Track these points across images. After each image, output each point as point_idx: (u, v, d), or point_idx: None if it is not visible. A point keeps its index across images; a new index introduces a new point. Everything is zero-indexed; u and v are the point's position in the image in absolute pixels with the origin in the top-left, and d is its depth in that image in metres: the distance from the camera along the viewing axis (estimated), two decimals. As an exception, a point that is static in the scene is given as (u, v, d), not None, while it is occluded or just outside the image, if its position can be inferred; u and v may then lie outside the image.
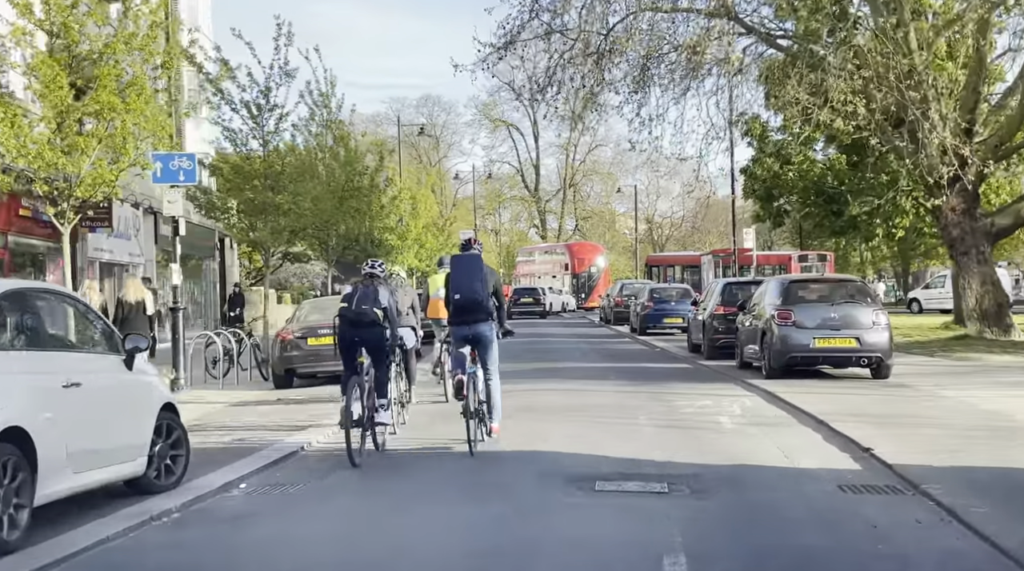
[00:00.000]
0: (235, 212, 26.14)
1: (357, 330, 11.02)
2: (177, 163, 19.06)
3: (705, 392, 17.03)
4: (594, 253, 75.12)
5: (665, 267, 56.66)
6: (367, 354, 11.08)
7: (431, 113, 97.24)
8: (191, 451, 10.06)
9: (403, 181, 53.75)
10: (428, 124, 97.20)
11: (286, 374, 19.57)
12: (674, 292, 35.36)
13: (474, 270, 11.29)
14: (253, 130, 25.59)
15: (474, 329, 11.36)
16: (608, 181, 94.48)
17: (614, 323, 43.19)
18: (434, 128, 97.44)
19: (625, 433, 12.73)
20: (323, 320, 20.02)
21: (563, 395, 16.89)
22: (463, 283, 11.22)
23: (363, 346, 11.05)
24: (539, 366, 22.27)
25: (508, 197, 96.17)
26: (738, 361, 20.83)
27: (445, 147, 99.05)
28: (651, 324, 34.34)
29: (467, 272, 11.30)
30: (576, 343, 31.89)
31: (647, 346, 29.94)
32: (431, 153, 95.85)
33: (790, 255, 51.49)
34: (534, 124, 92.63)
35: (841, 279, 20.72)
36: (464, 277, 11.26)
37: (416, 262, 52.64)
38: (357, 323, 11.00)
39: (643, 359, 24.76)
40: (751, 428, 13.10)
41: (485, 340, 11.43)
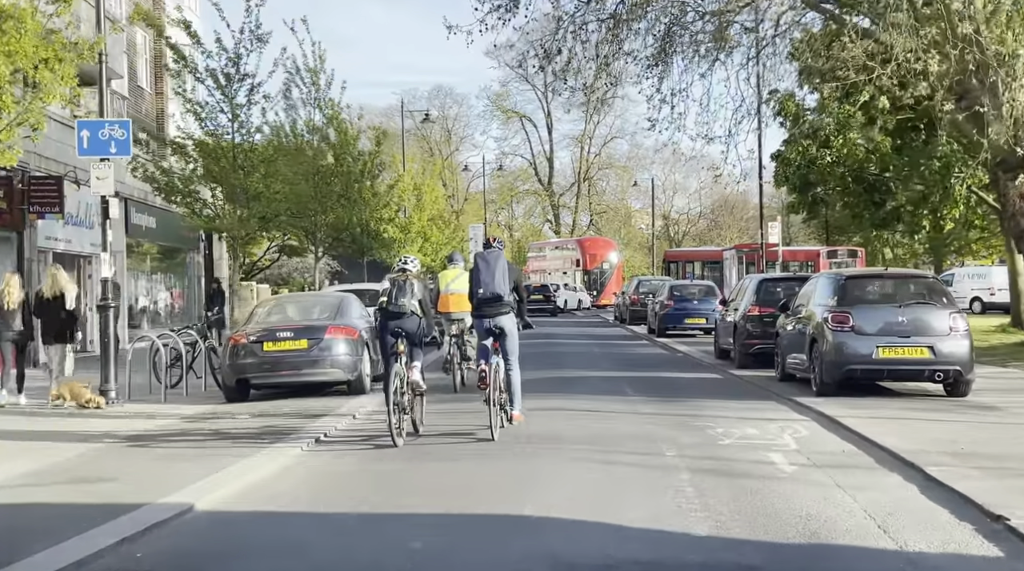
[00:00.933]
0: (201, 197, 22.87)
1: (396, 321, 11.74)
2: (108, 132, 15.80)
3: (745, 414, 13.62)
4: (606, 249, 71.74)
5: (684, 263, 53.16)
6: (405, 343, 11.73)
7: (443, 105, 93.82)
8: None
9: (407, 170, 50.47)
10: (440, 116, 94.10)
11: (238, 385, 16.25)
12: (696, 290, 31.92)
13: (497, 266, 11.93)
14: (221, 102, 22.31)
15: (496, 321, 11.96)
16: (624, 175, 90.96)
17: (630, 322, 39.76)
18: (446, 121, 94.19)
19: (649, 481, 9.33)
20: (285, 320, 16.75)
21: (570, 418, 13.50)
22: (486, 278, 11.86)
23: (401, 336, 11.74)
24: (544, 376, 18.91)
25: (521, 191, 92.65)
26: (778, 372, 17.42)
27: (457, 140, 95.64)
28: (671, 325, 30.93)
29: (490, 268, 11.91)
30: (588, 346, 28.49)
31: (667, 350, 26.51)
32: (443, 146, 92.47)
33: (818, 251, 47.94)
34: (548, 115, 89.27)
35: (909, 275, 17.20)
36: (487, 272, 11.88)
37: (420, 257, 49.33)
38: (397, 315, 11.73)
39: (664, 367, 21.34)
40: (816, 473, 9.69)
41: (507, 332, 12.04)
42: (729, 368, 20.07)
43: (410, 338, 11.80)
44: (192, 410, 15.11)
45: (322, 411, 14.39)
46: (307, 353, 15.99)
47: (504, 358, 12.00)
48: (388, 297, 11.87)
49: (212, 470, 9.84)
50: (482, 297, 11.94)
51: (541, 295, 53.96)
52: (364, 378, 16.51)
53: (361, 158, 33.34)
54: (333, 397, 16.30)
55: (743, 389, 16.95)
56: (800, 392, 15.39)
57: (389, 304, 11.80)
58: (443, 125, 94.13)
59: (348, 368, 16.19)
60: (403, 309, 11.73)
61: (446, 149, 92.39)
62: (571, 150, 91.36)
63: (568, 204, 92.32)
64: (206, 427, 13.32)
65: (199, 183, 22.61)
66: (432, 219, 51.66)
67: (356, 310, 17.46)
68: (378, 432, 12.09)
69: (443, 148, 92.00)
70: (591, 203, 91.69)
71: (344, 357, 16.15)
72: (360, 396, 16.24)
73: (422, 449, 11.32)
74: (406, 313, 11.74)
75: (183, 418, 14.21)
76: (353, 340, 16.31)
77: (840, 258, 47.77)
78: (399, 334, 11.73)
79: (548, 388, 16.65)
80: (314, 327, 16.32)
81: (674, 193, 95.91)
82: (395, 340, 11.73)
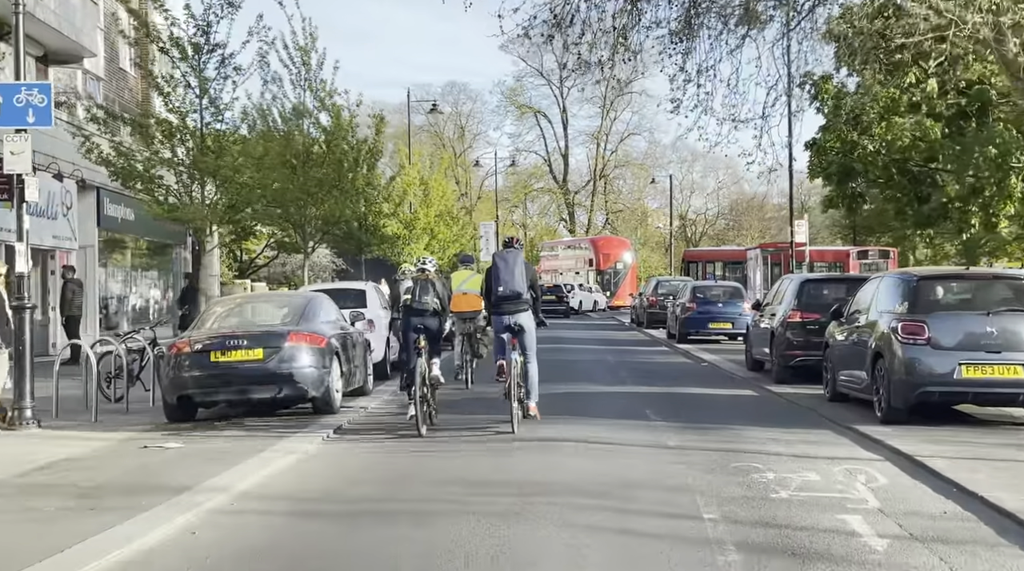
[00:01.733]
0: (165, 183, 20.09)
1: (420, 319, 12.29)
2: (24, 97, 13.01)
3: (798, 449, 10.71)
4: (620, 248, 68.86)
5: (705, 263, 50.14)
6: (425, 339, 12.17)
7: (456, 101, 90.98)
8: None
9: (413, 164, 47.68)
10: (453, 113, 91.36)
11: (180, 403, 13.46)
12: (722, 291, 29.00)
13: (515, 265, 12.20)
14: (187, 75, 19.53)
15: (515, 318, 12.19)
16: (641, 174, 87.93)
17: (647, 326, 36.85)
18: (459, 117, 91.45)
19: (683, 567, 6.48)
20: (241, 325, 13.97)
21: (575, 453, 10.61)
22: (505, 277, 12.09)
23: (423, 333, 12.23)
24: (550, 391, 16.04)
25: (535, 189, 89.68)
26: (827, 390, 14.53)
27: (471, 137, 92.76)
28: (693, 329, 28.03)
29: (509, 267, 12.16)
30: (602, 353, 25.57)
31: (691, 360, 23.59)
32: (456, 143, 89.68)
33: (847, 251, 44.95)
34: (563, 111, 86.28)
35: (996, 276, 14.18)
36: (507, 271, 12.12)
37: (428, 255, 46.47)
38: (420, 313, 12.29)
39: (689, 380, 18.44)
40: (920, 551, 6.81)
41: (525, 328, 12.29)
42: (765, 383, 17.16)
43: (431, 335, 12.37)
44: (116, 436, 12.27)
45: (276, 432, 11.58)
46: (263, 365, 13.17)
47: (523, 353, 12.24)
48: (412, 295, 12.39)
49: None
50: (502, 294, 12.16)
51: (554, 296, 51.06)
52: (333, 395, 13.70)
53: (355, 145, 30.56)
54: (294, 418, 13.50)
55: (787, 412, 14.03)
56: (860, 418, 12.49)
57: (413, 302, 12.37)
58: (456, 122, 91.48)
59: (313, 383, 13.38)
60: (426, 307, 12.31)
61: (459, 146, 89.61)
62: (587, 147, 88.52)
63: (583, 202, 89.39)
64: (98, 473, 10.46)
65: (164, 167, 19.82)
66: (440, 215, 48.95)
67: (326, 314, 14.65)
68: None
69: (456, 145, 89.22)
70: (607, 202, 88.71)
71: (308, 370, 13.33)
72: (327, 416, 13.45)
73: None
74: (428, 311, 12.34)
75: (94, 449, 11.37)
76: (319, 349, 13.50)
77: (871, 259, 44.76)
78: (421, 331, 12.28)
79: (553, 408, 13.81)
80: (273, 333, 13.51)
81: (691, 193, 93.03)
82: (417, 336, 12.24)
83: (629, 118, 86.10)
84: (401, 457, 10.70)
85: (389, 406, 15.23)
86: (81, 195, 26.11)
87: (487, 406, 13.67)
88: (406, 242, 44.25)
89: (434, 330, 12.45)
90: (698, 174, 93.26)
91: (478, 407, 14.07)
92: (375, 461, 10.57)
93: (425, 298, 12.30)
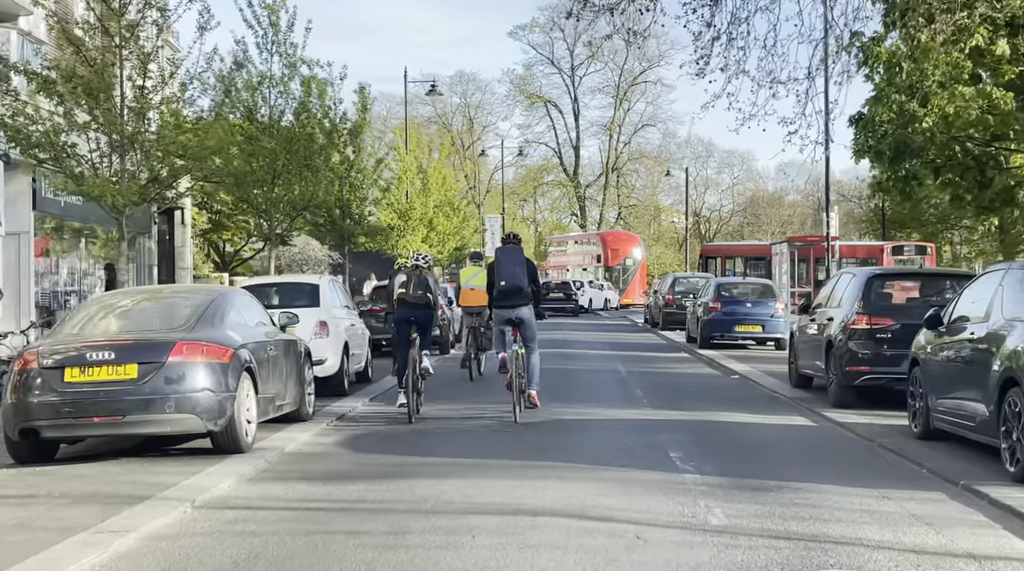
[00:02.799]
0: (78, 151, 16.27)
1: (413, 311, 12.77)
2: None
3: (915, 538, 6.77)
4: (629, 244, 65.01)
5: (724, 258, 46.05)
6: (417, 332, 12.68)
7: (465, 91, 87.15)
8: None
9: (412, 150, 43.85)
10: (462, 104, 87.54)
11: (25, 439, 9.64)
12: (750, 289, 25.07)
13: (516, 260, 12.44)
14: (105, 17, 15.71)
15: (517, 312, 12.40)
16: (655, 167, 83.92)
17: (663, 327, 32.93)
18: (468, 109, 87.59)
19: None
20: (110, 332, 10.15)
21: (572, 552, 6.67)
22: (507, 271, 12.31)
23: (416, 324, 12.75)
24: (545, 418, 12.28)
25: (545, 182, 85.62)
26: (916, 423, 10.63)
27: (480, 129, 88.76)
28: (718, 333, 24.12)
29: (510, 262, 12.41)
30: (612, 361, 21.65)
31: (718, 370, 19.66)
32: (464, 135, 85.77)
33: (881, 246, 41.01)
34: (574, 101, 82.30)
35: None
36: (508, 266, 12.36)
37: (425, 248, 42.77)
38: (414, 305, 12.76)
39: (722, 401, 14.52)
40: None
41: (526, 321, 12.47)
42: (819, 407, 13.23)
43: (423, 328, 12.77)
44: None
45: (140, 486, 7.74)
46: (135, 387, 9.36)
47: (525, 344, 12.41)
48: (405, 289, 12.76)
49: None
50: (503, 288, 12.29)
51: (562, 293, 47.16)
52: (240, 428, 9.84)
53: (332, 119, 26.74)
54: (188, 459, 9.69)
55: (868, 458, 10.06)
56: (980, 471, 8.61)
57: (406, 295, 12.72)
58: (465, 113, 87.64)
59: (208, 411, 9.52)
60: (419, 301, 12.73)
61: (468, 138, 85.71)
62: (599, 138, 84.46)
63: (595, 197, 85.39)
64: None
65: (75, 132, 16.00)
66: (439, 206, 45.16)
67: (239, 316, 10.80)
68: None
69: (465, 137, 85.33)
70: (619, 196, 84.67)
71: (201, 394, 9.49)
72: (232, 456, 9.63)
73: None
74: (421, 305, 12.76)
75: None
76: (220, 365, 9.67)
77: (907, 255, 40.79)
78: (413, 323, 12.69)
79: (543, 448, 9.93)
80: (152, 344, 9.66)
81: (705, 189, 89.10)
82: (410, 328, 12.64)
83: (643, 109, 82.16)
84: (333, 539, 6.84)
85: (332, 435, 11.42)
86: (9, 174, 22.30)
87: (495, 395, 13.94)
88: (400, 233, 40.49)
89: (425, 323, 12.86)
90: (712, 170, 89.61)
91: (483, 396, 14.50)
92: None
93: (419, 291, 12.71)
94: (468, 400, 14.53)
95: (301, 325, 13.35)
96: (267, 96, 23.95)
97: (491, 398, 14.15)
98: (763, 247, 46.12)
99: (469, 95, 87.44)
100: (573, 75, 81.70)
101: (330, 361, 14.60)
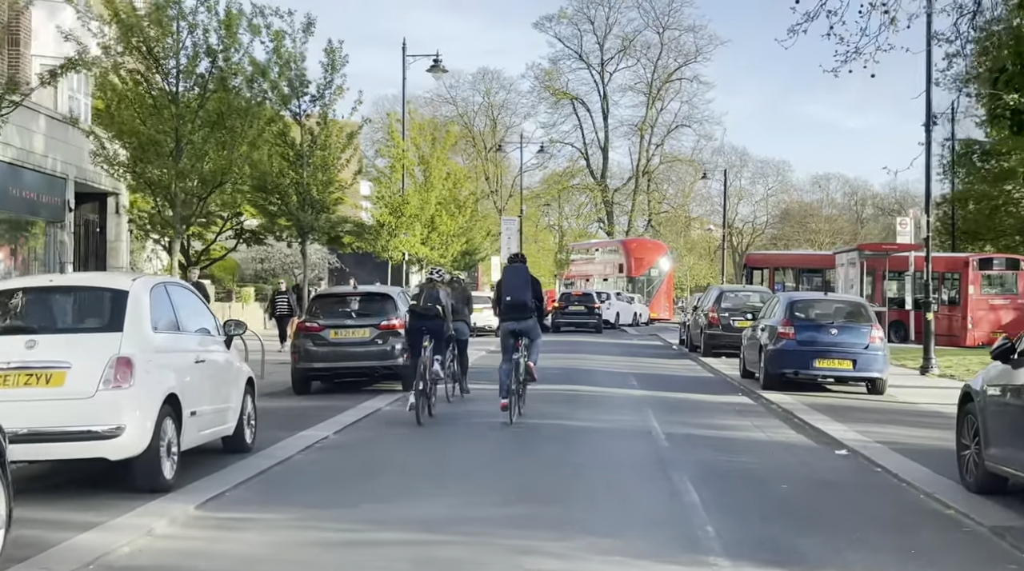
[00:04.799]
0: None
1: (424, 321, 13.46)
2: None
3: None
4: (655, 253, 58.26)
5: (772, 270, 38.94)
6: (430, 340, 13.33)
7: (488, 90, 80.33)
8: None
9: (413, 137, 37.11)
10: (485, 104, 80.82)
11: None
12: (835, 310, 17.95)
13: (522, 278, 13.40)
14: None
15: (522, 324, 13.28)
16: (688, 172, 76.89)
17: (704, 352, 25.99)
18: (491, 109, 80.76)
19: None
20: None
21: None
22: (513, 288, 13.30)
23: (428, 334, 13.38)
24: (523, 542, 5.48)
25: (571, 186, 78.55)
26: None
27: (503, 130, 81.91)
28: (791, 369, 17.09)
29: (515, 280, 13.40)
30: (642, 412, 14.57)
31: (810, 436, 12.44)
32: (487, 137, 79.02)
33: (966, 258, 33.80)
34: (603, 98, 75.26)
35: None
36: (513, 283, 13.35)
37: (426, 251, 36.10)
38: (424, 316, 13.49)
39: (857, 523, 7.62)
40: None
41: (530, 332, 13.39)
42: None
43: (435, 336, 13.47)
44: None
45: None
46: None
47: (528, 350, 13.26)
48: (417, 301, 13.69)
49: None
50: (509, 303, 13.20)
51: (583, 306, 40.26)
52: None
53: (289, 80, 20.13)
54: None
55: None
56: None
57: (418, 307, 13.59)
58: (488, 113, 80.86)
59: None
60: (431, 312, 13.49)
61: (491, 139, 78.91)
62: (629, 139, 77.35)
63: (623, 202, 78.35)
64: None
65: None
66: (442, 203, 38.41)
67: None
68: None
69: (488, 139, 78.59)
70: (650, 202, 77.58)
71: None
72: None
73: None
74: (431, 315, 13.48)
75: None
76: None
77: (996, 269, 33.64)
78: (425, 332, 13.35)
79: None
80: None
81: (739, 200, 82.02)
82: (422, 337, 13.30)
83: (677, 108, 75.11)
84: None
85: None
86: None
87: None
88: (393, 232, 33.73)
89: (438, 332, 13.50)
90: (746, 180, 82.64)
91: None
92: None
93: (429, 303, 13.51)
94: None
95: (83, 361, 6.85)
96: (177, 32, 17.26)
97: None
98: (820, 257, 39.05)
99: (493, 94, 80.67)
100: (603, 71, 74.87)
101: (130, 433, 7.83)
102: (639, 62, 74.16)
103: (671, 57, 72.95)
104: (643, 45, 73.16)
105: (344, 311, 16.58)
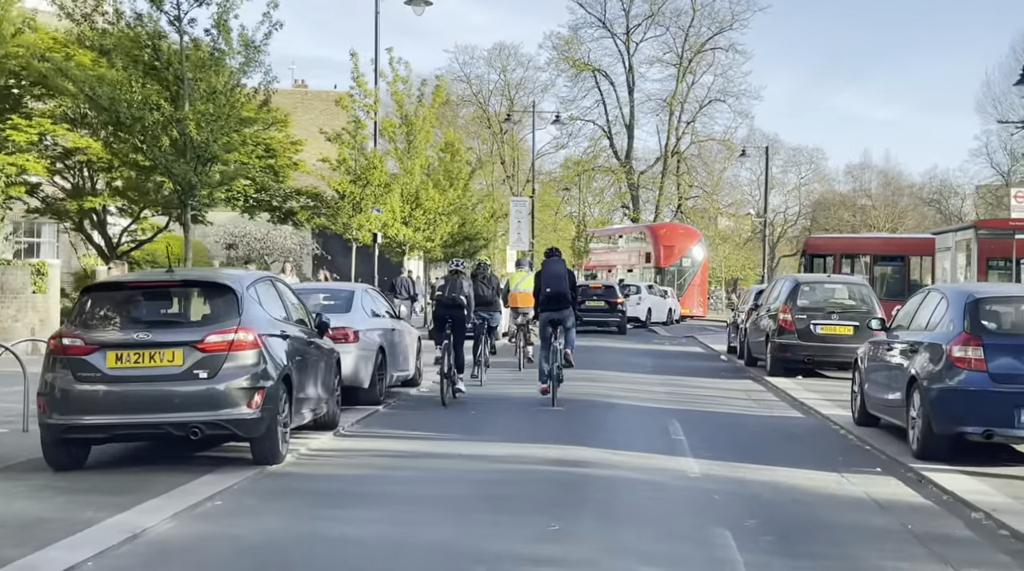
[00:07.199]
0: None
1: (449, 311, 14.21)
2: None
3: None
4: (688, 240, 50.27)
5: (840, 257, 30.81)
6: (452, 327, 14.02)
7: (504, 67, 72.31)
8: None
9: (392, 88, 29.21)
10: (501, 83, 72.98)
11: None
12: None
13: (560, 271, 14.30)
14: None
15: (560, 314, 14.11)
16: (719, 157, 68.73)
17: (771, 370, 17.98)
18: (507, 87, 72.72)
19: None
20: None
21: None
22: (552, 280, 14.14)
23: (451, 322, 14.09)
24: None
25: (593, 169, 70.38)
26: None
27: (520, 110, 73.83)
28: (979, 425, 9.07)
29: (555, 272, 14.24)
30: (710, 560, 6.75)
31: None
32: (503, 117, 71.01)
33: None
34: (629, 70, 67.03)
35: None
36: (553, 276, 14.20)
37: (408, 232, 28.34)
38: (450, 305, 14.21)
39: None
40: None
41: (567, 321, 14.27)
42: None
43: (458, 325, 14.18)
44: None
45: None
46: None
47: (565, 341, 14.01)
48: (443, 291, 14.43)
49: None
50: (549, 294, 13.99)
51: (603, 301, 32.25)
52: None
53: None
54: None
55: None
56: None
57: (444, 297, 14.32)
58: (504, 92, 72.89)
59: None
60: (455, 302, 14.14)
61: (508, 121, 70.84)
62: (657, 116, 69.03)
63: (650, 186, 70.19)
64: None
65: None
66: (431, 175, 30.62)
67: None
68: None
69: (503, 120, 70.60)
70: (680, 186, 69.38)
71: None
72: None
73: None
74: (456, 305, 14.14)
75: None
76: None
77: None
78: (449, 320, 14.04)
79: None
80: None
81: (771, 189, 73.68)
82: (445, 325, 14.01)
83: (711, 82, 66.76)
84: None
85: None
86: None
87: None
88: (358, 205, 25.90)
89: (459, 321, 14.16)
90: (778, 169, 74.36)
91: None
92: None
93: (454, 294, 14.14)
94: None
95: None
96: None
97: None
98: (902, 242, 30.87)
99: (509, 71, 72.67)
100: (628, 40, 66.63)
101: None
102: (668, 31, 65.94)
103: (704, 24, 64.75)
104: (673, 12, 64.98)
105: (139, 317, 8.76)
